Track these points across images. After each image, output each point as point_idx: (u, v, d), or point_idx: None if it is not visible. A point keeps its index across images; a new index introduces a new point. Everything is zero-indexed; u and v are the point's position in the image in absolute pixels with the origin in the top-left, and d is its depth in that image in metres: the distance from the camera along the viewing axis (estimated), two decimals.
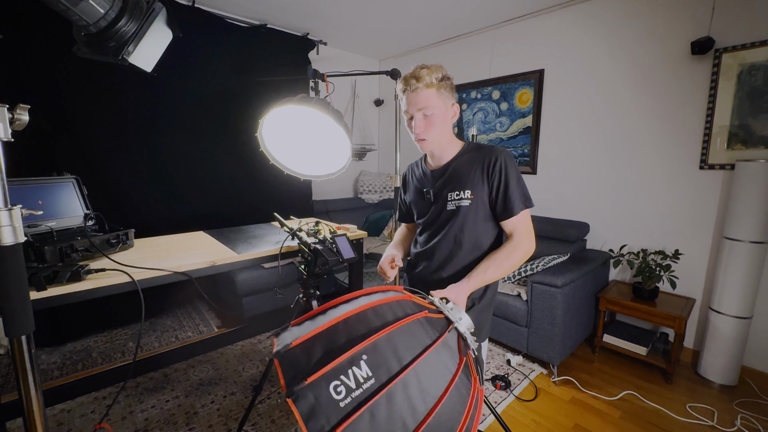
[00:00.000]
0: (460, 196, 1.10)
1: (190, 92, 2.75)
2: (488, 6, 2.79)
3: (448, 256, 1.15)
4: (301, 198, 3.48)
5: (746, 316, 2.03)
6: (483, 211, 1.10)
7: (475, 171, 1.09)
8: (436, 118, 1.06)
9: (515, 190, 1.06)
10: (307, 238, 1.52)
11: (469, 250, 1.12)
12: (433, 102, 1.05)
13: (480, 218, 1.10)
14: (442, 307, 0.83)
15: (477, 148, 1.13)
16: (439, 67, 1.06)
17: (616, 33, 2.48)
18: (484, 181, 1.08)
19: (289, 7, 2.87)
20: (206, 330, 2.71)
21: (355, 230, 2.02)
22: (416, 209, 1.28)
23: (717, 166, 2.18)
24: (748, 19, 2.01)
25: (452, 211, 1.12)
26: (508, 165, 1.06)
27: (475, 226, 1.11)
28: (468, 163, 1.11)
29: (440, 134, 1.10)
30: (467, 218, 1.10)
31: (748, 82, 2.04)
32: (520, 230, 1.07)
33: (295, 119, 1.73)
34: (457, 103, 1.11)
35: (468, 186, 1.09)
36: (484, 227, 1.12)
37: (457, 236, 1.12)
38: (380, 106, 4.36)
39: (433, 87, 1.04)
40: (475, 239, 1.12)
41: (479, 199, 1.09)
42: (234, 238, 1.78)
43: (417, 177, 1.27)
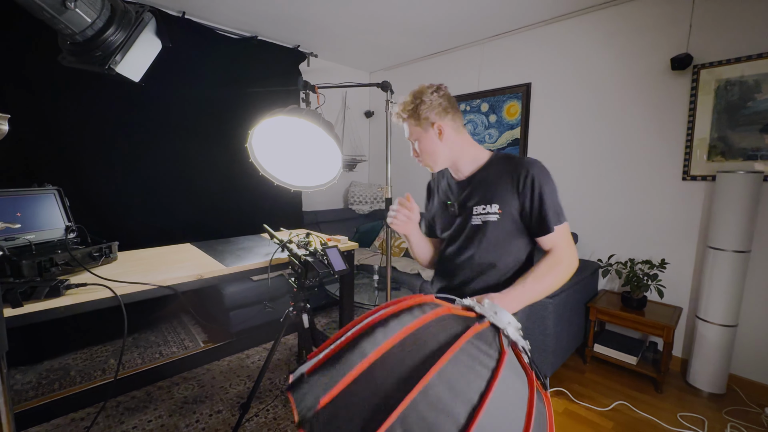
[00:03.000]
0: (487, 210, 1.03)
1: (179, 103, 2.73)
2: (476, 21, 2.85)
3: (475, 273, 1.07)
4: (291, 209, 3.45)
5: (732, 324, 2.07)
6: (512, 227, 1.02)
7: (504, 184, 1.01)
8: (422, 145, 1.07)
9: (550, 206, 0.98)
10: (297, 250, 1.50)
11: (497, 267, 1.05)
12: (413, 132, 1.07)
13: (508, 234, 1.03)
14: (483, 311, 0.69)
15: (506, 159, 1.06)
16: (415, 92, 1.04)
17: (600, 49, 2.57)
18: (514, 195, 1.00)
19: (280, 19, 2.89)
20: (192, 345, 2.63)
21: (346, 242, 2.01)
22: (440, 222, 1.20)
23: (699, 177, 2.24)
24: (723, 37, 2.11)
25: (477, 227, 1.05)
26: (541, 179, 0.98)
27: (503, 242, 1.04)
28: (496, 175, 1.04)
29: (436, 154, 1.07)
30: (494, 234, 1.03)
31: (725, 96, 2.12)
32: (559, 245, 0.99)
33: (285, 130, 1.73)
34: (444, 117, 1.03)
35: (495, 200, 1.02)
36: (513, 243, 1.04)
37: (483, 253, 1.05)
38: (371, 117, 4.39)
39: (407, 120, 1.06)
40: (504, 256, 1.04)
41: (508, 214, 1.01)
42: (222, 251, 1.75)
43: (442, 188, 1.20)
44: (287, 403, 1.99)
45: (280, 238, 1.62)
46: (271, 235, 1.68)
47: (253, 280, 2.70)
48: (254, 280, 2.69)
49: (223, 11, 2.75)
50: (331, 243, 1.85)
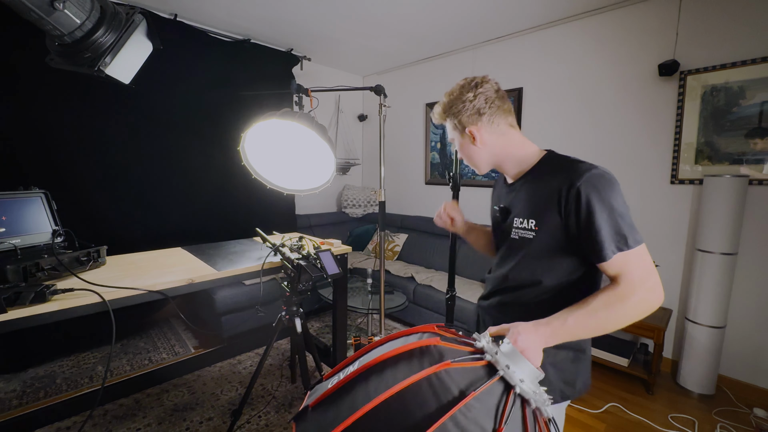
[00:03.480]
0: (524, 225, 0.88)
1: (170, 105, 2.71)
2: (468, 27, 2.88)
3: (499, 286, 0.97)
4: (284, 213, 3.43)
5: (720, 325, 2.10)
6: (554, 246, 0.84)
7: (545, 197, 0.84)
8: (459, 148, 0.99)
9: (607, 226, 0.76)
10: (290, 254, 1.49)
11: (534, 288, 0.89)
12: (451, 134, 0.99)
13: (549, 253, 0.86)
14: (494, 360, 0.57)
15: (555, 164, 0.88)
16: (449, 92, 0.95)
17: (590, 54, 2.61)
18: (555, 212, 0.82)
19: (273, 23, 2.89)
20: (182, 351, 2.58)
21: (339, 245, 2.00)
22: (492, 220, 1.09)
23: (687, 181, 2.28)
24: (709, 44, 2.16)
25: (514, 241, 0.91)
26: (599, 193, 0.76)
27: (535, 264, 0.88)
28: (541, 184, 0.87)
29: (474, 159, 0.97)
30: (529, 255, 0.88)
31: (711, 102, 2.17)
32: (628, 275, 0.76)
33: (278, 133, 1.72)
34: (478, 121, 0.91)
35: (533, 214, 0.86)
36: (557, 263, 0.86)
37: (517, 272, 0.91)
38: (364, 121, 4.40)
39: (443, 120, 0.98)
40: (542, 277, 0.87)
41: (547, 234, 0.84)
42: (213, 255, 1.73)
43: (498, 189, 1.08)
44: (279, 409, 1.97)
45: (272, 241, 1.61)
46: (264, 239, 1.66)
47: (245, 284, 2.67)
48: (246, 285, 2.66)
49: (215, 14, 2.74)
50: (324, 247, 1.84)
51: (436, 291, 2.75)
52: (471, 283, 2.87)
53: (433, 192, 3.72)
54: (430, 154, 3.76)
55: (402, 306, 2.55)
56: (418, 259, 3.41)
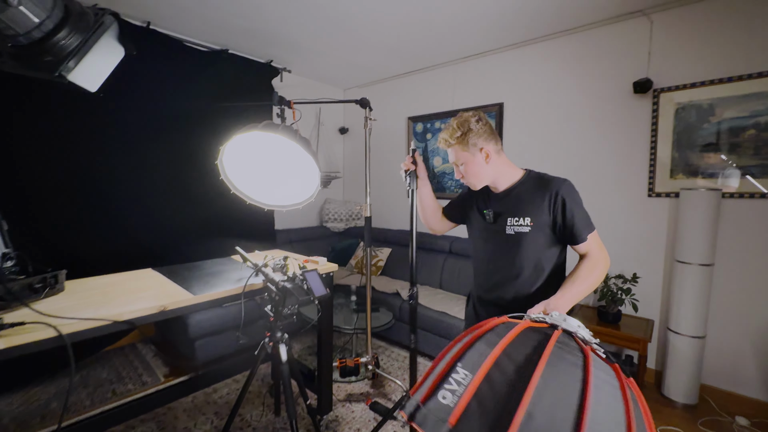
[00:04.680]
0: (520, 222, 1.17)
1: (142, 116, 2.55)
2: (450, 43, 2.92)
3: (509, 277, 1.21)
4: (262, 228, 3.29)
5: (700, 335, 2.14)
6: (543, 238, 1.17)
7: (537, 200, 1.16)
8: (468, 168, 1.20)
9: (580, 219, 1.13)
10: (273, 275, 1.39)
11: (530, 273, 1.19)
12: (459, 156, 1.20)
13: (540, 244, 1.17)
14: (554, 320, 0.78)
15: (538, 178, 1.21)
16: (463, 121, 1.17)
17: (569, 71, 2.69)
18: (546, 211, 1.15)
19: (252, 33, 2.81)
20: (151, 381, 2.38)
21: (324, 263, 1.91)
22: (475, 225, 1.34)
23: (663, 194, 2.36)
24: (680, 63, 2.26)
25: (510, 236, 1.19)
26: (572, 197, 1.14)
27: (535, 251, 1.18)
28: (529, 192, 1.18)
29: (481, 176, 1.21)
30: (526, 244, 1.17)
31: (684, 119, 2.27)
32: (593, 249, 1.15)
33: (259, 147, 1.65)
34: (489, 142, 1.18)
35: (528, 214, 1.16)
36: (544, 252, 1.18)
37: (516, 260, 1.19)
38: (345, 134, 4.35)
39: (454, 145, 1.19)
40: (535, 263, 1.18)
41: (539, 227, 1.16)
42: (188, 276, 1.59)
43: (481, 196, 1.31)
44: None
45: (253, 262, 1.50)
46: (245, 259, 1.55)
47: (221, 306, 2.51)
48: (222, 306, 2.50)
49: (191, 23, 2.64)
50: (310, 265, 1.75)
51: (424, 308, 2.68)
52: (458, 298, 2.83)
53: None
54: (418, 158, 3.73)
55: (388, 324, 2.46)
56: (403, 274, 3.35)
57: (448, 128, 1.19)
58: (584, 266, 1.12)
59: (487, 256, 1.29)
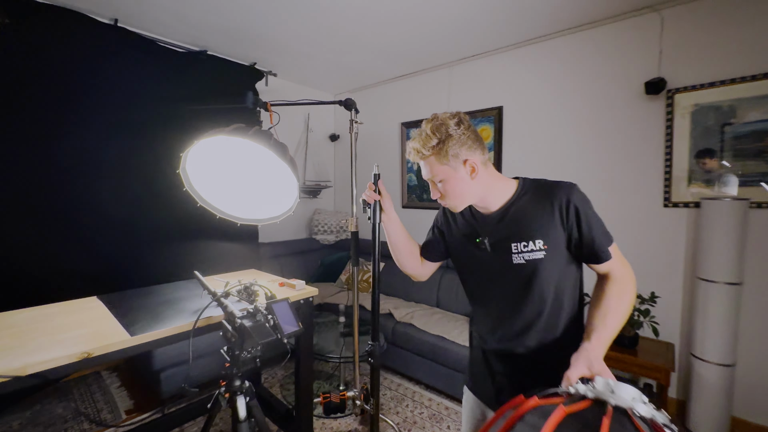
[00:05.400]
0: (530, 247, 0.91)
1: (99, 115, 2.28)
2: (444, 43, 2.72)
3: (530, 320, 0.95)
4: (244, 242, 3.03)
5: (729, 363, 1.90)
6: (561, 261, 0.92)
7: (546, 215, 0.91)
8: (448, 186, 0.93)
9: (599, 232, 0.90)
10: (233, 307, 1.14)
11: (552, 306, 0.94)
12: (437, 171, 0.92)
13: (558, 270, 0.92)
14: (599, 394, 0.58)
15: (537, 187, 0.96)
16: (439, 125, 0.89)
17: (573, 72, 2.49)
18: (559, 226, 0.90)
19: (234, 33, 2.61)
20: (111, 418, 2.10)
21: (303, 286, 1.67)
22: (465, 259, 1.06)
23: (681, 204, 2.14)
24: (694, 61, 2.06)
25: (521, 266, 0.93)
26: (584, 206, 0.90)
27: (554, 280, 0.92)
28: (532, 206, 0.93)
29: (465, 195, 0.94)
30: (544, 273, 0.91)
31: (701, 122, 2.06)
32: (617, 268, 0.91)
33: (231, 154, 1.40)
34: (475, 152, 0.90)
35: (538, 235, 0.90)
36: (563, 278, 0.93)
37: (535, 296, 0.93)
38: (336, 141, 4.14)
39: (429, 156, 0.91)
40: (556, 292, 0.93)
41: (555, 248, 0.90)
42: (137, 307, 1.35)
43: (463, 219, 1.05)
44: None
45: (211, 289, 1.26)
46: (203, 285, 1.31)
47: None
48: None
49: (165, 20, 2.43)
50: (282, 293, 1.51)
51: (419, 330, 2.42)
52: (456, 318, 2.58)
53: (411, 216, 3.46)
54: (406, 175, 3.52)
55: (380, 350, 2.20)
56: (396, 290, 3.10)
57: (420, 135, 0.90)
58: (611, 293, 0.88)
59: (492, 298, 1.01)
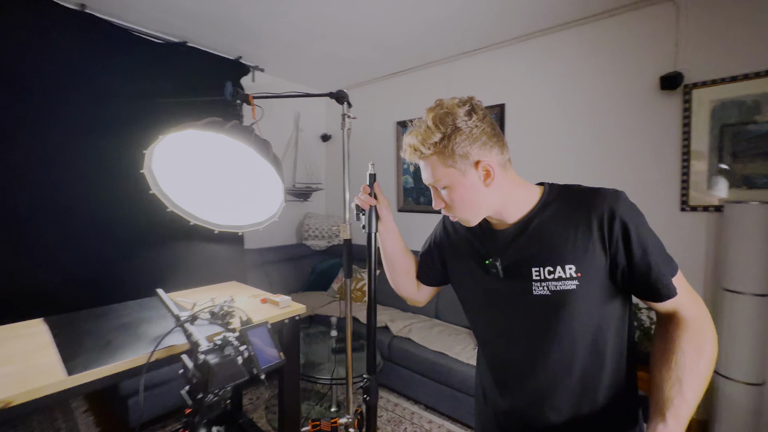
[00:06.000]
0: (557, 274, 0.68)
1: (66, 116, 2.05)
2: (443, 36, 2.54)
3: (555, 378, 0.72)
4: (227, 250, 2.79)
5: (758, 382, 1.74)
6: (600, 295, 0.69)
7: (579, 232, 0.68)
8: (455, 193, 0.72)
9: (657, 256, 0.66)
10: (198, 335, 0.93)
11: (589, 359, 0.70)
12: (440, 175, 0.71)
13: (596, 306, 0.69)
14: None
15: (569, 195, 0.73)
16: (444, 114, 0.69)
17: (581, 67, 2.33)
18: (599, 248, 0.67)
19: (216, 22, 2.39)
20: None
21: (288, 303, 1.45)
22: (469, 287, 0.85)
23: (700, 207, 1.98)
24: (714, 54, 1.92)
25: (544, 299, 0.70)
26: (636, 220, 0.67)
27: (591, 319, 0.69)
28: (561, 220, 0.71)
29: (477, 206, 0.73)
30: (575, 309, 0.68)
31: (723, 119, 1.91)
32: (686, 306, 0.68)
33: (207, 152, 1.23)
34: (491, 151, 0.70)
35: (569, 258, 0.68)
36: (604, 318, 0.70)
37: (563, 341, 0.70)
38: (327, 141, 3.94)
39: (431, 156, 0.71)
40: (594, 340, 0.70)
41: (591, 277, 0.68)
42: (88, 332, 1.13)
43: (468, 234, 0.84)
44: None
45: (175, 312, 1.05)
46: (166, 307, 1.10)
47: None
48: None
49: (139, 7, 2.21)
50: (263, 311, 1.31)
51: (417, 346, 2.22)
52: (458, 332, 2.38)
53: (408, 220, 3.27)
54: (402, 177, 3.33)
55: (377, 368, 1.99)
56: (392, 300, 2.90)
57: (419, 128, 0.71)
58: (685, 347, 0.65)
59: (505, 339, 0.78)
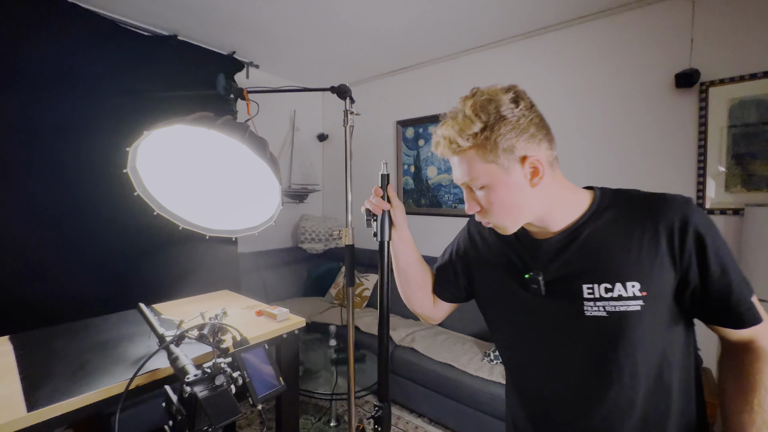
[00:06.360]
0: (616, 292, 0.59)
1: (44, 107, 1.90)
2: (447, 32, 2.44)
3: (611, 413, 0.62)
4: (219, 255, 2.65)
5: None
6: (666, 317, 0.60)
7: (643, 244, 0.59)
8: (494, 194, 0.62)
9: (736, 275, 0.58)
10: (184, 361, 0.81)
11: (654, 396, 0.60)
12: (478, 171, 0.61)
13: (661, 330, 0.60)
14: None
15: (627, 200, 0.65)
16: (486, 101, 0.59)
17: (591, 64, 2.24)
18: (666, 263, 0.58)
19: (207, 14, 2.27)
20: None
21: (286, 316, 1.33)
22: (500, 306, 0.75)
23: (717, 210, 1.90)
24: (733, 51, 1.84)
25: (599, 321, 0.61)
26: (711, 232, 0.58)
27: (657, 347, 0.60)
28: (620, 230, 0.62)
29: (518, 209, 0.63)
30: (639, 335, 0.59)
31: (741, 118, 1.83)
32: (763, 334, 0.60)
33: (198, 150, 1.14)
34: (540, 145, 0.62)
35: (632, 274, 0.58)
36: (670, 345, 0.61)
37: (620, 371, 0.60)
38: (324, 141, 3.82)
39: (468, 150, 0.61)
40: (659, 372, 0.60)
41: (658, 297, 0.58)
42: (59, 353, 1.00)
43: (500, 243, 0.75)
44: None
45: (160, 330, 0.92)
46: (149, 324, 0.97)
47: None
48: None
49: None
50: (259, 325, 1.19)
51: (422, 356, 2.11)
52: (464, 340, 2.27)
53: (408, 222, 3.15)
54: (402, 179, 3.22)
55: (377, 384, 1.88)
56: (394, 306, 2.76)
57: (455, 118, 0.61)
58: (763, 379, 0.58)
59: (546, 370, 0.68)
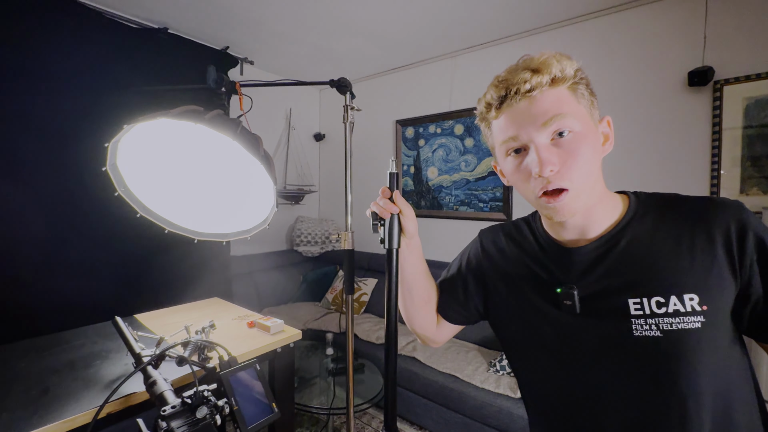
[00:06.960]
0: (673, 308, 0.50)
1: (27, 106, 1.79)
2: (448, 29, 2.35)
3: None
4: (211, 258, 2.52)
5: None
6: (727, 337, 0.52)
7: (695, 251, 0.51)
8: (582, 142, 0.53)
9: None
10: (163, 386, 0.70)
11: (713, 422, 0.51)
12: (571, 107, 0.53)
13: (723, 353, 0.51)
14: None
15: (669, 205, 0.57)
16: (557, 54, 0.54)
17: (598, 63, 2.16)
18: (725, 272, 0.50)
19: (201, 7, 2.15)
20: None
21: (280, 328, 1.22)
22: (525, 328, 0.64)
23: None
24: (748, 49, 1.77)
25: (654, 342, 0.51)
26: None
27: (717, 372, 0.51)
28: (666, 236, 0.54)
29: (592, 178, 0.55)
30: (701, 357, 0.50)
31: (757, 117, 1.76)
32: None
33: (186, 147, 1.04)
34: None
35: (687, 285, 0.50)
36: (730, 367, 0.52)
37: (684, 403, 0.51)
38: (321, 140, 3.71)
39: (565, 82, 0.53)
40: (724, 406, 0.51)
41: (719, 313, 0.50)
42: (20, 375, 0.88)
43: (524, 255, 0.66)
44: None
45: (137, 349, 0.81)
46: (125, 341, 0.86)
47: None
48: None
49: None
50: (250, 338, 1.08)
51: (424, 367, 2.00)
52: (468, 349, 2.17)
53: None
54: (402, 180, 3.13)
55: (378, 397, 1.77)
56: None
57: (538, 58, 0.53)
58: None
59: (585, 402, 0.57)
